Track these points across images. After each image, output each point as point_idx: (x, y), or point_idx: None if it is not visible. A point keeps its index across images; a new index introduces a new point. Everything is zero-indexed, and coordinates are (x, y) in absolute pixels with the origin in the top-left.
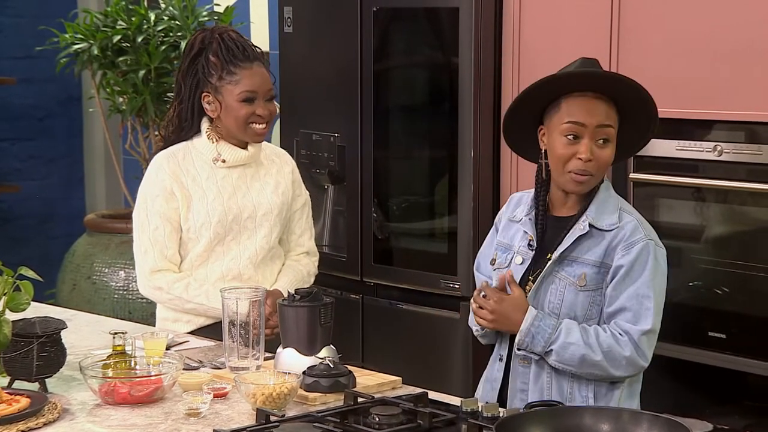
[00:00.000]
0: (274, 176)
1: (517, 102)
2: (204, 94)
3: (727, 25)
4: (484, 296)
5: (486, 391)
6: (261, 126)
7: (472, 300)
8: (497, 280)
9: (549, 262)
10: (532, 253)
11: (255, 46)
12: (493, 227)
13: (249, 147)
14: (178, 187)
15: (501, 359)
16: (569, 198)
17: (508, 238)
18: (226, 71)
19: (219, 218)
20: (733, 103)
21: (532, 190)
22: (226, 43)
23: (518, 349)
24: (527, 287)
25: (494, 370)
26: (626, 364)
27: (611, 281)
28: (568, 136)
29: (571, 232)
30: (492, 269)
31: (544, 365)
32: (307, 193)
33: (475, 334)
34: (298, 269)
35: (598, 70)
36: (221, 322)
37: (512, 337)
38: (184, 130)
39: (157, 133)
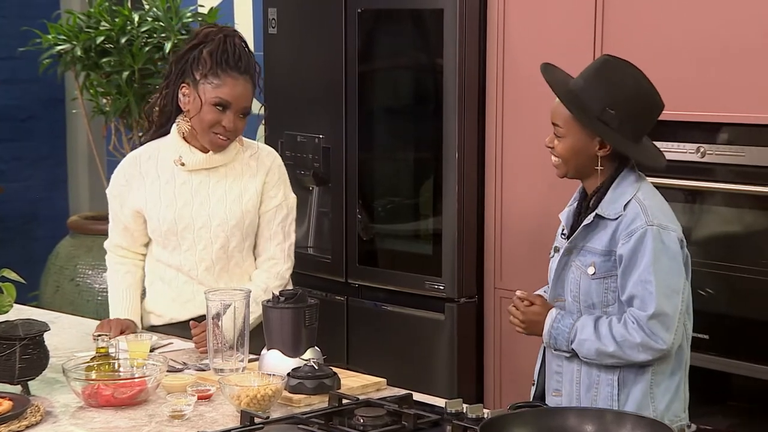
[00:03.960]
0: (242, 183)
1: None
2: (183, 84)
3: (710, 28)
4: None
5: (536, 370)
6: (223, 138)
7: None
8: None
9: (562, 252)
10: (565, 242)
11: (253, 59)
12: None
13: (211, 152)
14: (128, 191)
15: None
16: (588, 188)
17: (560, 228)
18: (212, 72)
19: (168, 226)
20: (716, 104)
21: None
22: (226, 45)
23: (554, 350)
24: None
25: (542, 350)
26: (642, 349)
27: (619, 270)
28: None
29: (583, 222)
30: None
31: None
32: (291, 197)
33: None
34: (253, 287)
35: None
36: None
37: None
38: (165, 115)
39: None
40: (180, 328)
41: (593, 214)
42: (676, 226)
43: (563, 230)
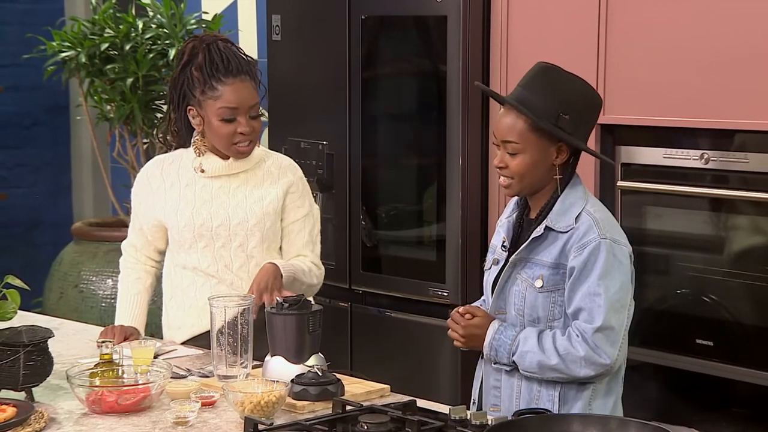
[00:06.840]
0: (262, 188)
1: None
2: (189, 107)
3: (714, 34)
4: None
5: (474, 387)
6: (244, 144)
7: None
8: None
9: (507, 264)
10: (505, 254)
11: (244, 56)
12: None
13: (231, 159)
14: (148, 192)
15: (482, 356)
16: (536, 201)
17: (497, 239)
18: (208, 86)
19: (185, 222)
20: (720, 111)
21: None
22: (211, 55)
23: (494, 363)
24: None
25: (479, 367)
26: (585, 364)
27: (568, 283)
28: (495, 144)
29: (531, 234)
30: (485, 269)
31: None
32: (315, 207)
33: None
34: (299, 260)
35: (495, 95)
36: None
37: None
38: (181, 138)
39: (155, 140)
40: (203, 339)
41: (542, 226)
42: (626, 241)
43: (504, 243)
